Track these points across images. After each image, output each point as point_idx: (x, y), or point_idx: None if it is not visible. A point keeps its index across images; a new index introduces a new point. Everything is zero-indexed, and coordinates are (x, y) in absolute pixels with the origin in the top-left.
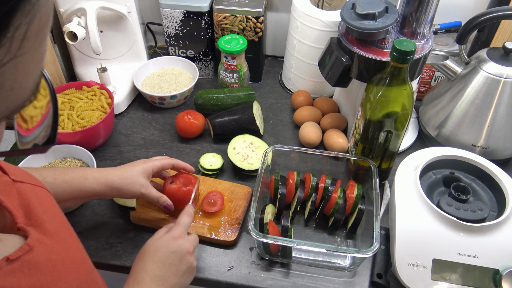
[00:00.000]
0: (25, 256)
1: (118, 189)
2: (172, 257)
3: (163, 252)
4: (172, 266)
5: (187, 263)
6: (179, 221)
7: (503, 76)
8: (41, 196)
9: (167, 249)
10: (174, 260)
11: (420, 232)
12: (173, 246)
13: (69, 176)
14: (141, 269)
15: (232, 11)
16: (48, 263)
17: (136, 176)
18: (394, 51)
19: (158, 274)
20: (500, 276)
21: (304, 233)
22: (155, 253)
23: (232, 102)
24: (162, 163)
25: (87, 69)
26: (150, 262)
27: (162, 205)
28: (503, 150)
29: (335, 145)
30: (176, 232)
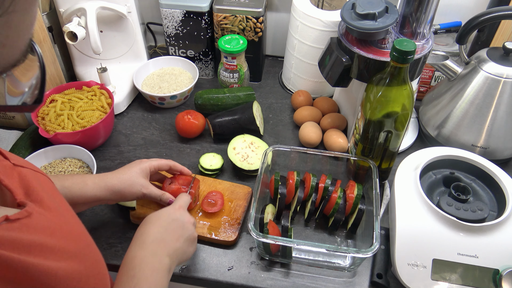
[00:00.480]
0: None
1: (119, 192)
2: (174, 223)
3: (165, 219)
4: (173, 231)
5: (189, 231)
6: (179, 198)
7: (503, 76)
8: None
9: (169, 216)
10: (175, 227)
11: (420, 232)
12: (174, 214)
13: (69, 182)
14: (142, 233)
15: (232, 11)
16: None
17: (135, 177)
18: (394, 51)
19: (159, 237)
20: (500, 276)
21: (304, 233)
22: (156, 220)
23: (232, 102)
24: (159, 163)
25: (87, 69)
26: (152, 227)
27: (166, 202)
28: (503, 150)
29: (335, 145)
30: (176, 204)
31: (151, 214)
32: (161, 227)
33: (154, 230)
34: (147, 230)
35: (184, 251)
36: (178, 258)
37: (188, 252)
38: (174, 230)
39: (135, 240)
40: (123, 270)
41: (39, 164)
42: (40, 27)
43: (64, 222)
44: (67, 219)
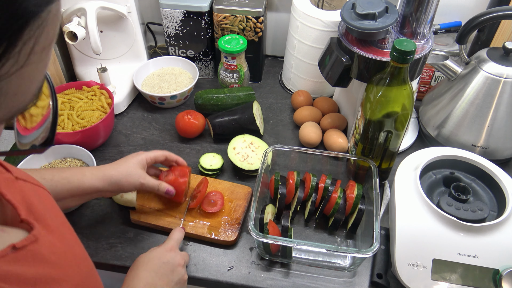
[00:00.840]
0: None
1: (117, 182)
2: (164, 267)
3: (156, 262)
4: (164, 276)
5: (179, 275)
6: (171, 236)
7: (503, 76)
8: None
9: (160, 260)
10: (166, 271)
11: (420, 232)
12: (165, 257)
13: (67, 173)
14: (134, 277)
15: (232, 11)
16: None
17: (133, 168)
18: (394, 51)
19: (151, 282)
20: (500, 276)
21: (304, 233)
22: (148, 263)
23: (232, 102)
24: (155, 154)
25: (87, 69)
26: (143, 271)
27: (163, 192)
28: (503, 150)
29: (335, 145)
30: (168, 245)
31: (143, 255)
32: (152, 271)
33: (145, 275)
34: (138, 274)
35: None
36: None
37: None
38: (165, 274)
39: (127, 282)
40: None
41: (39, 164)
42: None
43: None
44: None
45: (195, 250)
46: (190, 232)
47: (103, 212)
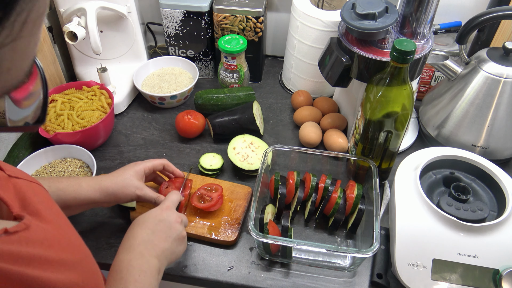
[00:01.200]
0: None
1: (113, 194)
2: (161, 224)
3: (152, 221)
4: (161, 232)
5: (176, 231)
6: (168, 197)
7: (503, 76)
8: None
9: (156, 218)
10: (163, 227)
11: (420, 232)
12: (161, 215)
13: (64, 184)
14: (129, 236)
15: (232, 11)
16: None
17: (129, 179)
18: (394, 51)
19: (147, 239)
20: (500, 276)
21: (304, 233)
22: (144, 222)
23: (232, 102)
24: (153, 164)
25: (87, 69)
26: (139, 229)
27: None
28: (503, 150)
29: (335, 145)
30: (164, 204)
31: (139, 217)
32: (148, 229)
33: (141, 232)
34: (134, 233)
35: (172, 251)
36: (167, 258)
37: (178, 251)
38: (162, 231)
39: (123, 244)
40: (112, 274)
41: (39, 164)
42: None
43: (62, 234)
44: (64, 231)
45: (195, 250)
46: (190, 232)
47: (103, 212)
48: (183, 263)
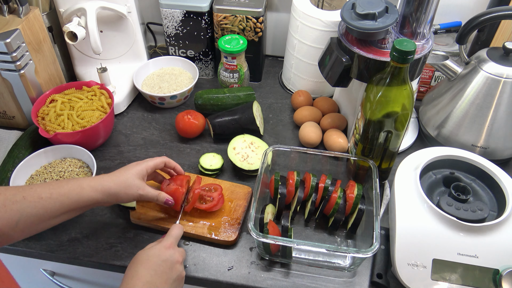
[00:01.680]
0: None
1: (115, 194)
2: (163, 265)
3: (155, 260)
4: (163, 274)
5: (177, 272)
6: (170, 233)
7: (503, 76)
8: None
9: (159, 258)
10: (165, 268)
11: (420, 232)
12: (164, 255)
13: (65, 188)
14: (133, 275)
15: (232, 11)
16: None
17: (131, 179)
18: (394, 51)
19: (150, 281)
20: (500, 276)
21: (304, 233)
22: (147, 261)
23: (232, 102)
24: (155, 162)
25: (87, 69)
26: (142, 269)
27: (162, 202)
28: (503, 150)
29: (335, 145)
30: (167, 242)
31: (141, 252)
32: (151, 270)
33: (144, 273)
34: (138, 273)
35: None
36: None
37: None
38: (164, 272)
39: (126, 281)
40: None
41: (39, 164)
42: (40, 27)
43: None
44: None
45: (195, 250)
46: (190, 232)
47: (103, 212)
48: (183, 263)
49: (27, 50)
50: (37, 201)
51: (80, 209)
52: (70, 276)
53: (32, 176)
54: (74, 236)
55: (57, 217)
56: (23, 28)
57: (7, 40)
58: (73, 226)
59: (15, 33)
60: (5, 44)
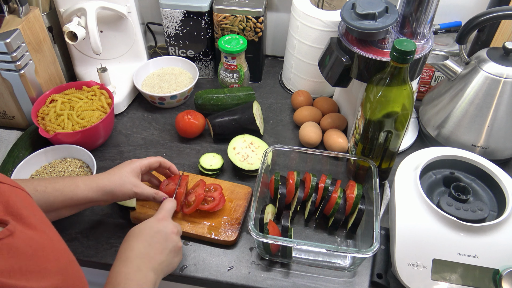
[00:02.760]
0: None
1: (110, 192)
2: (157, 236)
3: (148, 232)
4: (157, 244)
5: (173, 242)
6: (162, 206)
7: (503, 76)
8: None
9: (152, 229)
10: (159, 239)
11: (420, 232)
12: (157, 226)
13: (60, 184)
14: (126, 248)
15: (232, 11)
16: (28, 249)
17: (126, 177)
18: (394, 51)
19: (144, 252)
20: (500, 276)
21: (304, 233)
22: (140, 234)
23: (232, 102)
24: (149, 161)
25: (87, 69)
26: (135, 242)
27: (159, 201)
28: (503, 150)
29: (335, 145)
30: (159, 215)
31: (134, 228)
32: (145, 241)
33: (137, 245)
34: (131, 245)
35: (169, 263)
36: (163, 270)
37: (174, 263)
38: (158, 242)
39: (119, 255)
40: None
41: (39, 164)
42: (40, 27)
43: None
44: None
45: (195, 250)
46: (190, 232)
47: (103, 212)
48: (183, 263)
49: (27, 50)
50: (32, 193)
51: (75, 206)
52: None
53: (32, 176)
54: (74, 236)
55: (52, 212)
56: (23, 28)
57: (7, 40)
58: (73, 226)
59: (15, 33)
60: (5, 44)
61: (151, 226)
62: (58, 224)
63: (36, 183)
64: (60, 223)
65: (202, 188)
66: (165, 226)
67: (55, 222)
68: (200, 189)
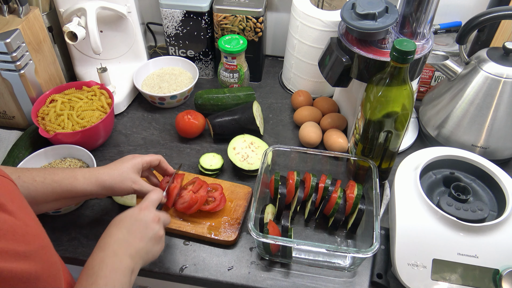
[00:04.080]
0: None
1: (109, 187)
2: (136, 224)
3: (128, 220)
4: (136, 232)
5: (153, 230)
6: (147, 197)
7: (503, 76)
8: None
9: (132, 217)
10: (138, 227)
11: (420, 232)
12: (138, 215)
13: (59, 176)
14: (105, 235)
15: (232, 11)
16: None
17: (127, 173)
18: (394, 51)
19: (122, 238)
20: (500, 276)
21: (304, 233)
22: (120, 222)
23: (232, 102)
24: (151, 158)
25: (87, 69)
26: (115, 229)
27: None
28: (503, 150)
29: (335, 145)
30: (142, 204)
31: (116, 217)
32: (124, 228)
33: (116, 232)
34: (110, 232)
35: (148, 251)
36: (142, 258)
37: (154, 251)
38: (137, 230)
39: (98, 242)
40: (84, 271)
41: (39, 164)
42: (40, 27)
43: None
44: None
45: (195, 250)
46: (190, 232)
47: (103, 212)
48: (183, 263)
49: (27, 50)
50: (30, 183)
51: (73, 198)
52: None
53: None
54: (74, 236)
55: (49, 203)
56: (23, 28)
57: (7, 40)
58: (73, 226)
59: (15, 33)
60: (5, 44)
61: (132, 214)
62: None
63: (35, 174)
64: (60, 223)
65: (205, 190)
66: (146, 215)
67: (55, 220)
68: (202, 191)
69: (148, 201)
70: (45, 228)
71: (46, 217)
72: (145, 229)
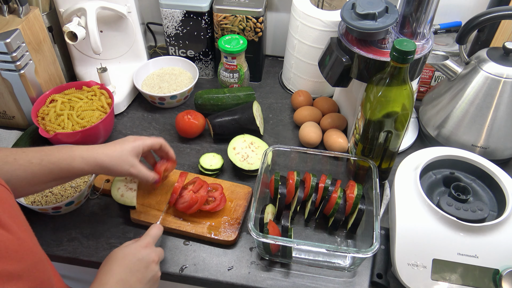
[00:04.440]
0: None
1: (107, 168)
2: (138, 264)
3: (130, 259)
4: (137, 273)
5: (152, 272)
6: (148, 232)
7: (503, 76)
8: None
9: (134, 256)
10: (140, 267)
11: (420, 232)
12: (140, 253)
13: (56, 157)
14: (107, 272)
15: (232, 11)
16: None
17: (126, 156)
18: (394, 51)
19: (124, 278)
20: (500, 276)
21: (304, 233)
22: (122, 259)
23: (232, 102)
24: (152, 141)
25: (87, 69)
26: (116, 266)
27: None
28: (503, 150)
29: (335, 145)
30: (144, 241)
31: (117, 250)
32: (126, 268)
33: (118, 270)
34: (112, 269)
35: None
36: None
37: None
38: (139, 271)
39: (99, 277)
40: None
41: None
42: (40, 27)
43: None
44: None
45: (195, 250)
46: (190, 232)
47: (103, 212)
48: (183, 263)
49: (27, 50)
50: (27, 165)
51: (69, 177)
52: (70, 276)
53: None
54: (74, 236)
55: (46, 183)
56: (23, 28)
57: (7, 40)
58: (73, 226)
59: (15, 33)
60: (5, 44)
61: (135, 253)
62: (58, 224)
63: (32, 155)
64: (60, 223)
65: (205, 190)
66: (147, 254)
67: (53, 220)
68: (203, 191)
69: (150, 238)
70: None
71: (46, 217)
72: (146, 269)
